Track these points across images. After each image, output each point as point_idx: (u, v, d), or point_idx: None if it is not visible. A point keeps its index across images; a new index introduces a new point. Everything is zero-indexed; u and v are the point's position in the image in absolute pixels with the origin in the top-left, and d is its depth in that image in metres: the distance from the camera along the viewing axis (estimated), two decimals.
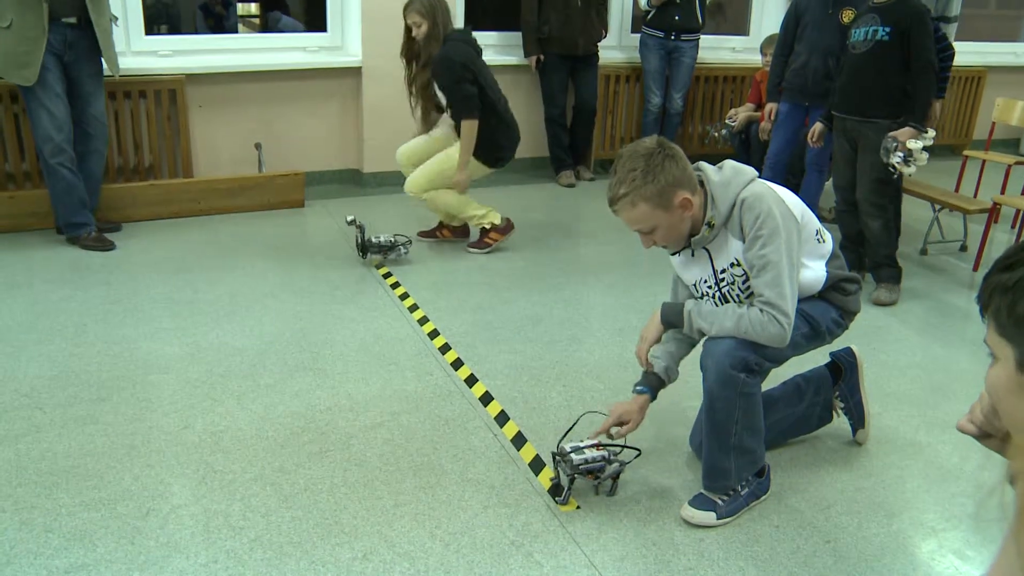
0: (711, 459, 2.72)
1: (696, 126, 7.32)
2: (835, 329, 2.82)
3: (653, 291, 4.53)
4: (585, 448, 2.74)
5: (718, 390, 2.60)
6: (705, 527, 2.68)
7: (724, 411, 2.62)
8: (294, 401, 3.34)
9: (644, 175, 2.49)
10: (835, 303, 2.80)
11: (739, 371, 2.57)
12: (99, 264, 4.75)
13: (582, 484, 2.79)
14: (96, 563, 2.43)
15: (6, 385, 3.40)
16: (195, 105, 5.90)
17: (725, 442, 2.67)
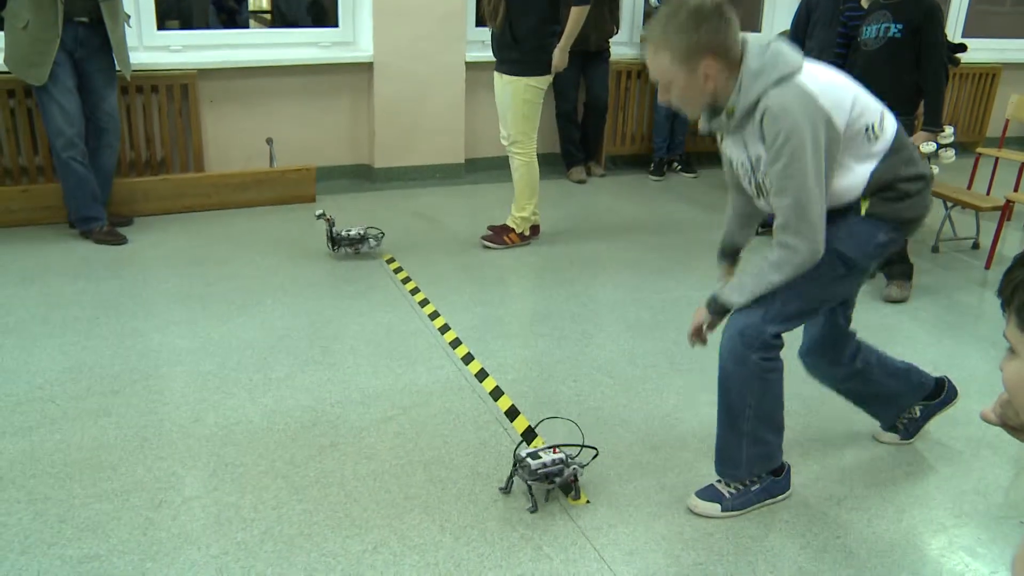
0: (721, 441, 2.70)
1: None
2: (881, 252, 2.57)
3: (664, 287, 4.53)
4: (542, 453, 2.69)
5: (731, 367, 2.57)
6: (712, 519, 2.68)
7: (736, 391, 2.59)
8: (305, 395, 3.35)
9: (680, 26, 2.31)
10: (885, 215, 2.50)
11: (754, 349, 2.51)
12: (111, 258, 4.77)
13: (538, 489, 2.74)
14: (109, 553, 2.45)
15: (20, 377, 3.42)
16: (207, 100, 5.92)
17: (736, 426, 2.63)
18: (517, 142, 4.88)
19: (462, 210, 5.87)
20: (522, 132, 4.86)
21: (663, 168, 6.96)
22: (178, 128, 5.81)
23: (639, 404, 3.36)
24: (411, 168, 6.49)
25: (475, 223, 5.40)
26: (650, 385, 3.51)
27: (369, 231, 4.84)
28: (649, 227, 5.60)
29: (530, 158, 4.93)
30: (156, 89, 5.68)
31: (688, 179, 6.93)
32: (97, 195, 5.01)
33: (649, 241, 5.30)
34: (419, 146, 6.46)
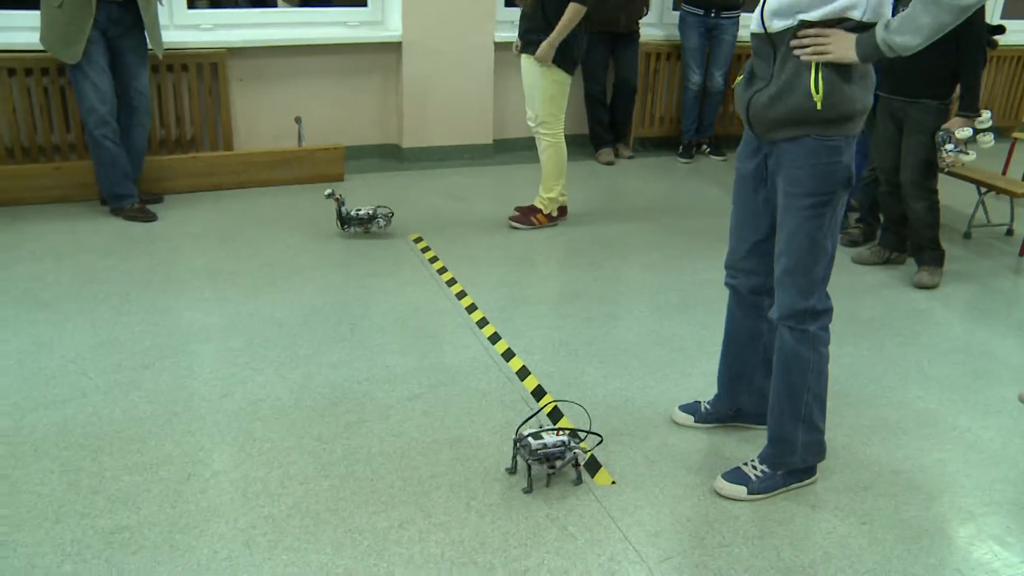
0: (778, 426, 2.69)
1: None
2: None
3: (692, 269, 4.51)
4: (543, 433, 2.69)
5: (791, 345, 2.58)
6: (738, 502, 2.67)
7: (798, 370, 2.59)
8: (332, 372, 3.37)
9: None
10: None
11: (809, 324, 2.55)
12: (142, 235, 4.80)
13: (540, 472, 2.73)
14: (139, 525, 2.48)
15: (54, 351, 3.46)
16: (236, 79, 5.93)
17: (796, 409, 2.63)
18: (544, 123, 4.86)
19: (490, 191, 5.86)
20: (549, 113, 4.83)
21: (692, 150, 6.92)
22: (208, 107, 5.83)
23: (666, 386, 3.35)
24: (439, 148, 6.48)
25: (503, 204, 5.39)
26: (677, 368, 3.50)
27: (379, 211, 4.84)
28: (677, 209, 5.57)
29: (557, 139, 4.91)
30: (186, 68, 5.70)
31: (717, 162, 6.88)
32: (128, 172, 5.04)
33: (677, 223, 5.27)
34: (447, 126, 6.45)
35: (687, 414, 3.10)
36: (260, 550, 2.40)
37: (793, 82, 2.41)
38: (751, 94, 2.53)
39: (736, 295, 2.87)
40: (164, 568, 2.32)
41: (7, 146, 5.44)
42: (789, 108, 2.42)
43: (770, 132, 2.50)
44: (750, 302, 2.83)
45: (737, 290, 2.85)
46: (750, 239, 2.72)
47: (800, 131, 2.43)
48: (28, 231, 4.81)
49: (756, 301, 2.81)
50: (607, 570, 2.37)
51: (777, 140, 2.50)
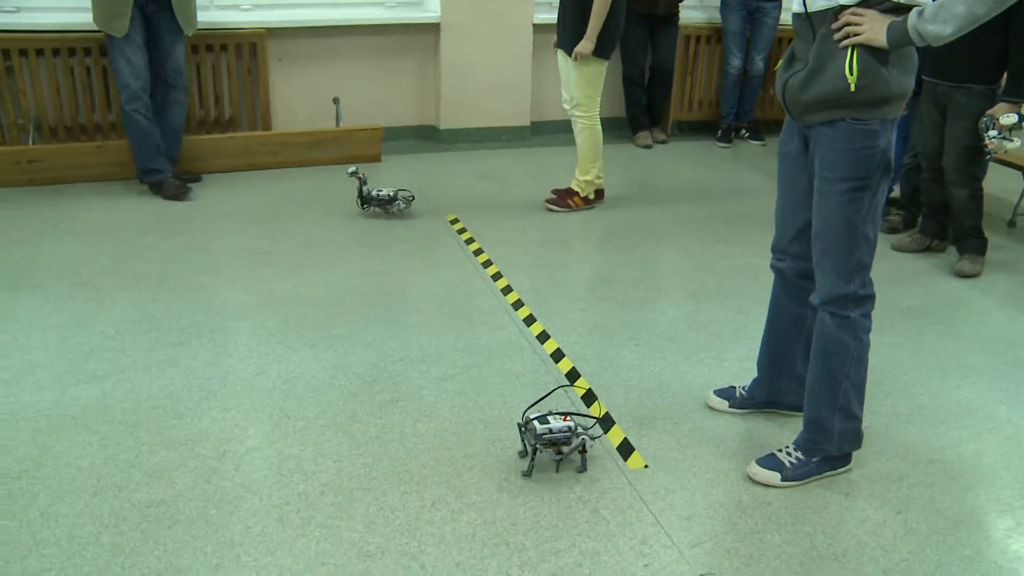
0: (815, 412, 2.66)
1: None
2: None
3: (729, 254, 4.48)
4: (551, 418, 2.66)
5: (832, 331, 2.55)
6: (771, 488, 2.65)
7: (838, 356, 2.57)
8: (367, 351, 3.38)
9: None
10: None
11: (851, 309, 2.53)
12: (180, 214, 4.84)
13: (545, 458, 2.72)
14: (175, 499, 2.51)
15: (93, 327, 3.51)
16: (275, 59, 5.95)
17: (834, 396, 2.61)
18: (580, 105, 4.83)
19: (527, 173, 5.84)
20: (585, 96, 4.81)
21: (731, 135, 6.85)
22: (246, 86, 5.86)
23: (700, 371, 3.33)
24: (476, 130, 6.47)
25: (539, 186, 5.38)
26: (712, 352, 3.48)
27: (400, 193, 4.85)
28: (715, 194, 5.53)
29: (593, 122, 4.89)
30: (225, 48, 5.73)
31: (756, 147, 6.81)
32: (161, 148, 5.09)
33: (714, 208, 5.22)
34: (485, 108, 6.43)
35: (722, 399, 3.08)
36: (293, 526, 2.42)
37: (828, 63, 2.38)
38: (788, 76, 2.50)
39: (781, 279, 2.84)
40: (198, 542, 2.35)
41: (51, 125, 5.50)
42: (823, 90, 2.39)
43: (805, 115, 2.47)
44: (796, 287, 2.79)
45: (783, 274, 2.82)
46: (799, 221, 2.69)
47: (835, 114, 2.40)
48: (69, 209, 4.87)
49: (802, 286, 2.77)
50: (638, 553, 2.37)
51: (813, 123, 2.47)
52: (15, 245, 4.35)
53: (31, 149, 5.27)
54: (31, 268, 4.07)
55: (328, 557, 2.31)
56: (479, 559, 2.32)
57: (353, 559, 2.31)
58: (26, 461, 2.67)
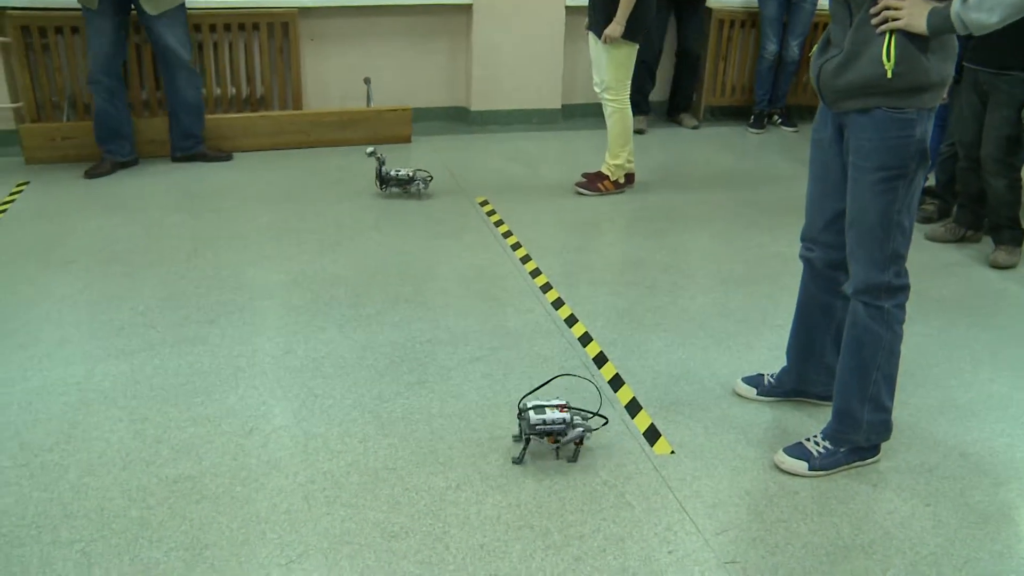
0: (844, 402, 2.64)
1: None
2: None
3: (759, 241, 4.44)
4: (547, 408, 2.63)
5: (865, 321, 2.52)
6: (798, 477, 2.63)
7: (870, 346, 2.54)
8: (395, 331, 3.38)
9: None
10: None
11: (884, 300, 2.49)
12: (210, 191, 4.87)
13: (540, 447, 2.69)
14: (202, 475, 2.52)
15: (124, 303, 3.53)
16: (307, 38, 5.96)
17: (864, 387, 2.58)
18: (610, 88, 4.80)
19: (557, 156, 5.82)
20: (615, 79, 4.77)
21: (763, 121, 6.78)
22: (278, 66, 5.87)
23: (729, 358, 3.31)
24: (507, 112, 6.45)
25: (569, 169, 5.35)
26: (741, 339, 3.45)
27: (418, 173, 4.84)
28: (746, 180, 5.48)
29: (623, 105, 4.85)
30: (257, 27, 5.74)
31: (789, 133, 6.74)
32: (123, 132, 5.14)
33: (746, 194, 5.18)
34: (516, 90, 6.41)
35: (749, 386, 3.06)
36: (318, 504, 2.43)
37: (864, 49, 2.33)
38: (823, 61, 2.46)
39: (811, 269, 2.81)
40: (224, 518, 2.36)
41: (84, 102, 5.54)
42: (858, 76, 2.34)
43: (840, 102, 2.43)
44: (825, 277, 2.76)
45: (812, 263, 2.78)
46: (830, 209, 2.65)
47: (870, 102, 2.35)
48: (102, 186, 4.91)
49: (831, 276, 2.74)
50: (663, 540, 2.36)
51: (847, 111, 2.43)
52: (48, 221, 4.39)
53: (65, 126, 5.32)
54: (64, 244, 4.11)
55: (352, 536, 2.32)
56: (503, 542, 2.32)
57: (377, 539, 2.31)
58: (57, 434, 2.70)
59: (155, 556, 2.23)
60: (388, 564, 2.23)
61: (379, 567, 2.22)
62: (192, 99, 5.23)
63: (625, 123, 4.88)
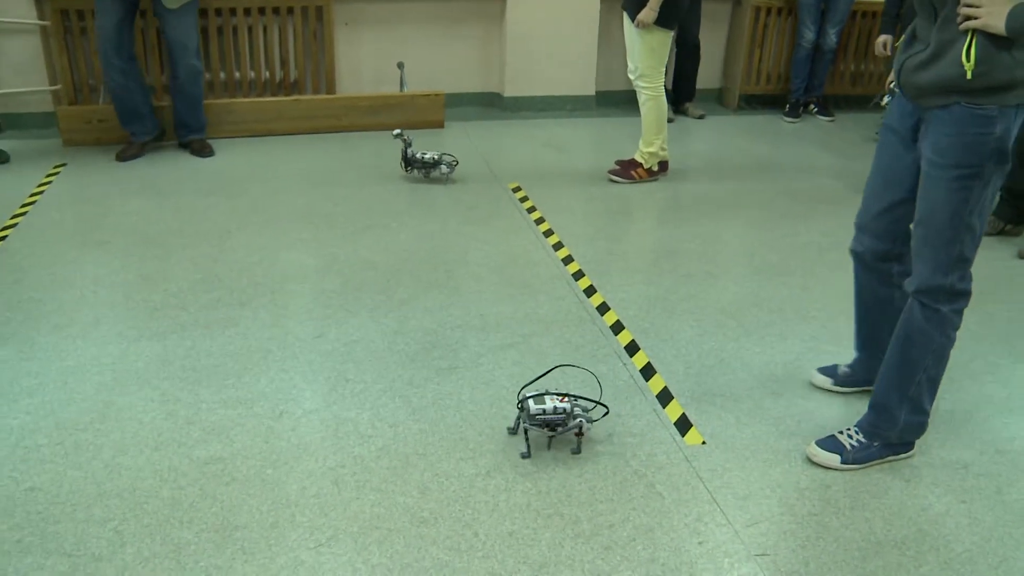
0: (883, 398, 2.61)
1: (849, 64, 7.00)
2: None
3: (794, 231, 4.39)
4: (547, 398, 2.60)
5: (919, 322, 2.48)
6: (830, 470, 2.60)
7: (919, 348, 2.50)
8: (426, 317, 3.38)
9: None
10: None
11: (943, 303, 2.44)
12: (244, 175, 4.88)
13: (541, 438, 2.67)
14: (232, 457, 2.53)
15: (157, 285, 3.55)
16: (341, 23, 5.95)
17: (906, 387, 2.55)
18: (644, 76, 4.76)
19: (590, 143, 5.79)
20: (649, 66, 4.73)
21: (799, 110, 6.71)
22: (312, 50, 5.88)
23: (762, 348, 3.28)
24: (540, 98, 6.43)
25: (603, 156, 5.33)
26: (774, 330, 3.42)
27: (444, 157, 4.84)
28: (781, 170, 5.42)
29: (658, 92, 4.81)
30: (291, 11, 5.74)
31: (824, 123, 6.67)
32: (139, 111, 5.14)
33: (780, 184, 5.13)
34: (550, 76, 6.38)
35: (825, 376, 3.02)
36: (348, 489, 2.43)
37: (948, 49, 2.26)
38: (907, 56, 2.40)
39: (861, 263, 2.76)
40: (254, 500, 2.37)
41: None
42: (938, 75, 2.28)
43: (920, 97, 2.37)
44: (877, 270, 2.72)
45: (862, 257, 2.73)
46: (888, 198, 2.59)
47: (951, 99, 2.29)
48: (136, 168, 4.94)
49: (883, 268, 2.69)
50: (693, 531, 2.34)
51: (928, 106, 2.37)
52: (84, 203, 4.43)
53: (100, 109, 5.35)
54: (99, 225, 4.14)
55: (381, 521, 2.32)
56: (532, 529, 2.31)
57: (406, 524, 2.31)
58: (91, 413, 2.72)
59: (186, 536, 2.24)
60: (417, 549, 2.23)
61: (408, 552, 2.22)
62: (191, 92, 5.21)
63: (659, 111, 4.85)
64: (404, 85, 6.06)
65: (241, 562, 2.17)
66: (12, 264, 3.74)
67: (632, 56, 4.77)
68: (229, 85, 5.86)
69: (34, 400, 2.78)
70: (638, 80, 4.80)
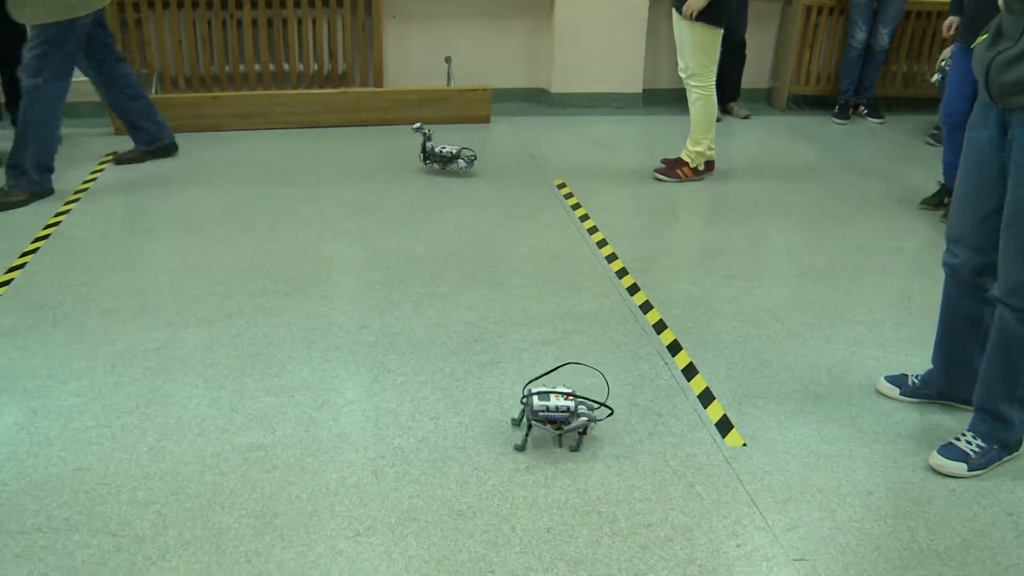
0: (994, 404, 2.57)
1: (901, 65, 6.89)
2: None
3: (841, 233, 4.34)
4: (552, 395, 2.58)
5: (1014, 327, 2.43)
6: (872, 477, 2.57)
7: (1019, 352, 2.46)
8: (469, 311, 3.38)
9: None
10: None
11: None
12: (289, 166, 4.92)
13: (543, 433, 2.65)
14: (274, 445, 2.56)
15: (203, 273, 3.60)
16: (389, 16, 5.98)
17: (1011, 389, 2.52)
18: (695, 75, 4.73)
19: (636, 141, 5.77)
20: (700, 65, 4.70)
21: (848, 111, 6.62)
22: (360, 43, 5.91)
23: (805, 351, 3.24)
24: (587, 95, 6.41)
25: (649, 154, 5.30)
26: (818, 333, 3.38)
27: (463, 151, 4.85)
28: (829, 171, 5.36)
29: (708, 91, 4.78)
30: (341, 4, 5.78)
31: (874, 125, 6.58)
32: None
33: (828, 186, 5.07)
34: (597, 73, 6.36)
35: (893, 386, 2.96)
36: (387, 480, 2.44)
37: None
38: (994, 54, 2.34)
39: (954, 276, 2.70)
40: (295, 488, 2.39)
41: (171, 76, 5.65)
42: None
43: (1006, 97, 2.31)
44: (971, 285, 2.66)
45: (956, 270, 2.68)
46: (981, 210, 2.52)
47: None
48: (186, 157, 5.00)
49: (977, 283, 2.64)
50: (731, 533, 2.32)
51: (1014, 107, 2.32)
52: (134, 191, 4.50)
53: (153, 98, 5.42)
54: (148, 214, 4.20)
55: (420, 513, 2.33)
56: (570, 526, 2.31)
57: (445, 517, 2.32)
58: (137, 397, 2.76)
59: (226, 522, 2.27)
60: (454, 542, 2.23)
61: (445, 544, 2.22)
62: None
63: (709, 110, 4.81)
64: (451, 79, 6.08)
65: (280, 549, 2.19)
66: (65, 249, 3.81)
67: (683, 55, 4.75)
68: (278, 76, 5.91)
69: (83, 383, 2.83)
70: (689, 79, 4.77)
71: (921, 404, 2.92)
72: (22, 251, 3.77)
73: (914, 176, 5.24)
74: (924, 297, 3.65)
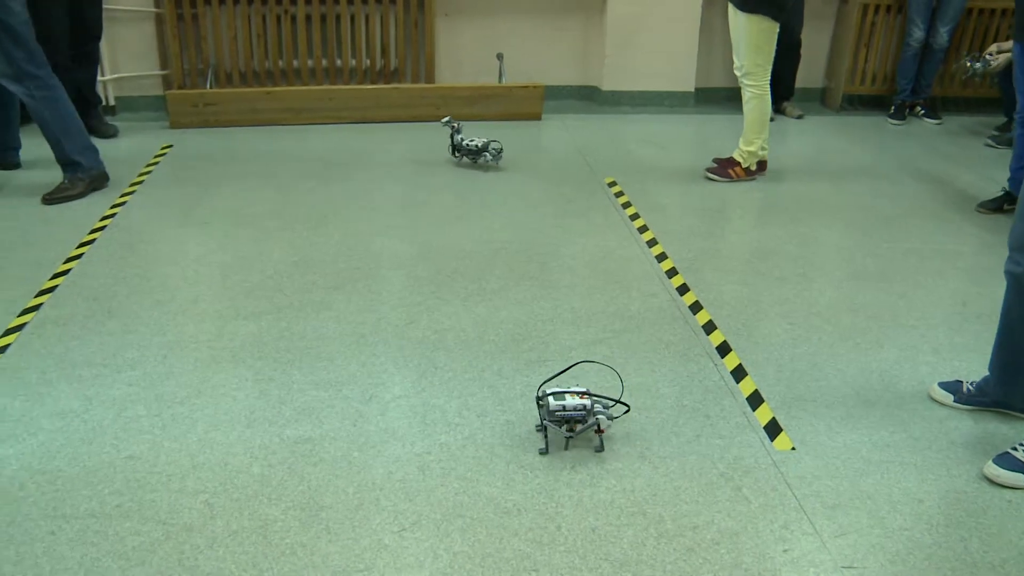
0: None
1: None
2: None
3: (894, 236, 4.27)
4: (567, 395, 2.55)
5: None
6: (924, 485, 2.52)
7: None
8: (518, 309, 3.38)
9: None
10: None
11: None
12: (342, 161, 4.96)
13: (559, 435, 2.61)
14: (321, 438, 2.58)
15: (254, 266, 3.63)
16: (442, 13, 6.00)
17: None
18: (750, 74, 4.68)
19: (688, 140, 5.73)
20: (755, 64, 4.65)
21: (904, 112, 6.51)
22: (412, 39, 5.93)
23: (856, 355, 3.20)
24: (639, 93, 6.38)
25: (700, 154, 5.26)
26: (870, 337, 3.33)
27: (491, 145, 4.85)
28: (883, 173, 5.28)
29: (763, 91, 4.73)
30: (394, 1, 5.81)
31: (931, 126, 6.46)
32: None
33: (882, 187, 4.99)
34: (649, 71, 6.33)
35: (947, 392, 2.91)
36: (433, 475, 2.45)
37: None
38: None
39: (1016, 284, 2.64)
40: (341, 482, 2.41)
41: (226, 71, 5.72)
42: None
43: None
44: None
45: (1018, 279, 2.62)
46: None
47: None
48: (238, 151, 5.06)
49: None
50: (779, 538, 2.30)
51: None
52: (188, 183, 4.56)
53: (208, 93, 5.50)
54: (201, 206, 4.26)
55: (465, 509, 2.33)
56: (615, 526, 2.30)
57: (490, 514, 2.32)
58: (188, 388, 2.80)
59: (273, 513, 2.29)
60: (499, 540, 2.23)
61: (490, 542, 2.22)
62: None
63: (763, 109, 4.76)
64: (503, 76, 6.08)
65: (325, 541, 2.20)
66: (120, 240, 3.87)
67: (738, 53, 4.70)
68: (330, 72, 5.96)
69: (136, 372, 2.88)
70: (743, 78, 4.72)
71: (976, 412, 2.86)
72: (79, 242, 3.84)
73: (970, 179, 5.14)
74: (979, 302, 3.58)
